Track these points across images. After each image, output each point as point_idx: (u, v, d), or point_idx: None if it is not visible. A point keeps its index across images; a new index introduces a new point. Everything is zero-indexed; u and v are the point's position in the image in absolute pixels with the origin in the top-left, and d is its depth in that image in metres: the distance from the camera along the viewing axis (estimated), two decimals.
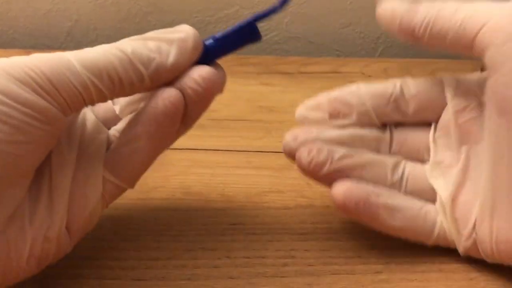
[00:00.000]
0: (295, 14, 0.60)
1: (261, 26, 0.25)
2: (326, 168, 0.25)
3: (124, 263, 0.25)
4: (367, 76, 0.52)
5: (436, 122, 0.26)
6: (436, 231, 0.25)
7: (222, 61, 0.24)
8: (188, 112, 0.23)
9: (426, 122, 0.27)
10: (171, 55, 0.22)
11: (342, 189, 0.25)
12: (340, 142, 0.26)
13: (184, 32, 0.22)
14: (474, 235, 0.24)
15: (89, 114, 0.25)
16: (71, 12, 0.60)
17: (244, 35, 0.24)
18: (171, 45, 0.22)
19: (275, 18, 0.61)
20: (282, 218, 0.29)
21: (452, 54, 0.23)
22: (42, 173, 0.22)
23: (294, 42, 0.61)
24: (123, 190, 0.24)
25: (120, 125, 0.25)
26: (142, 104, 0.24)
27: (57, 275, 0.24)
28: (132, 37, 0.22)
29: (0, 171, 0.19)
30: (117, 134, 0.25)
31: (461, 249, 0.25)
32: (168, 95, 0.22)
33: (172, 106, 0.22)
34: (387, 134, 0.27)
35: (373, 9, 0.30)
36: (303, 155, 0.25)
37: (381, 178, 0.26)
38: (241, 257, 0.26)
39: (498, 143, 0.22)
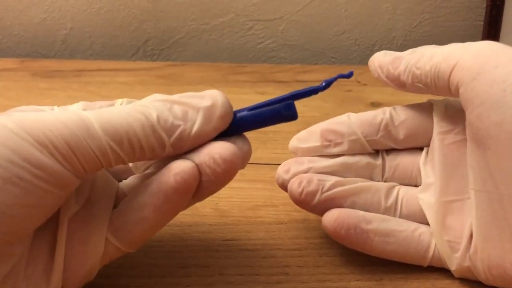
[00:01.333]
0: (291, 22, 0.60)
1: (257, 33, 0.25)
2: (317, 198, 0.25)
3: (117, 280, 0.25)
4: (362, 85, 0.52)
5: (428, 146, 0.27)
6: (431, 252, 0.25)
7: (215, 68, 0.23)
8: (202, 187, 0.21)
9: (417, 146, 0.27)
10: (196, 124, 0.20)
11: (332, 216, 0.25)
12: (333, 172, 0.27)
13: (212, 99, 0.21)
14: (467, 258, 0.24)
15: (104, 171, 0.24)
16: (65, 20, 0.60)
17: (280, 113, 0.22)
18: (197, 113, 0.21)
19: (271, 26, 0.61)
20: (276, 233, 0.29)
21: None
22: (46, 229, 0.21)
23: (290, 49, 0.61)
24: (122, 253, 0.23)
25: (130, 182, 0.24)
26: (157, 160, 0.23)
27: None
28: (158, 98, 0.21)
29: (2, 232, 0.18)
30: (123, 192, 0.23)
31: (455, 272, 0.25)
32: (181, 170, 0.20)
33: (184, 182, 0.21)
34: (379, 161, 0.27)
35: (368, 17, 0.30)
36: (294, 186, 0.26)
37: (375, 204, 0.26)
38: (234, 274, 0.26)
39: (480, 171, 0.23)
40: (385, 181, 0.27)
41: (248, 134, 0.27)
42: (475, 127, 0.22)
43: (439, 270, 0.26)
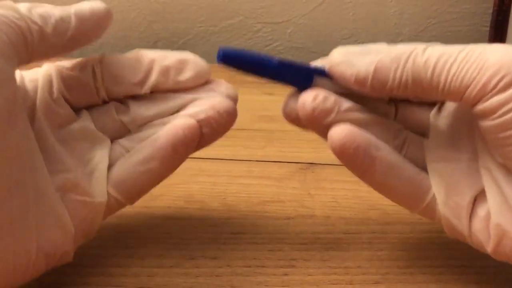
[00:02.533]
0: (298, 25, 0.60)
1: (265, 36, 0.25)
2: (331, 117, 0.23)
3: (127, 270, 0.26)
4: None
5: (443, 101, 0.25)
6: (427, 200, 0.24)
7: (223, 70, 0.24)
8: (205, 139, 0.25)
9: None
10: (86, 6, 0.23)
11: (343, 131, 0.23)
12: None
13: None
14: (468, 223, 0.23)
15: (90, 124, 0.25)
16: None
17: (301, 75, 0.23)
18: (84, 3, 0.23)
19: (278, 28, 0.61)
20: (283, 228, 0.29)
21: None
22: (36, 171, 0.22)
23: (297, 52, 0.62)
24: (122, 206, 0.25)
25: (129, 142, 0.25)
26: (155, 119, 0.25)
27: (61, 283, 0.25)
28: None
29: None
30: (123, 150, 0.25)
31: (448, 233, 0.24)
32: (188, 125, 0.24)
33: (191, 135, 0.24)
34: (392, 108, 0.25)
35: (375, 21, 0.30)
36: (308, 100, 0.23)
37: (383, 140, 0.24)
38: (242, 266, 0.26)
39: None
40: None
41: (255, 133, 0.28)
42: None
43: (445, 265, 0.26)
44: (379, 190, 0.24)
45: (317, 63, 0.24)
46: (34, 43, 0.21)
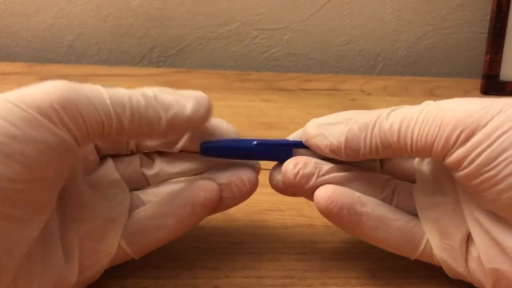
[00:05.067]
0: (296, 31, 0.60)
1: (262, 42, 0.25)
2: (312, 181, 0.24)
3: (123, 282, 0.25)
4: (366, 94, 0.52)
5: None
6: (422, 247, 0.24)
7: (220, 76, 0.24)
8: (224, 204, 0.25)
9: None
10: (188, 107, 0.23)
11: (327, 192, 0.24)
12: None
13: (198, 93, 0.23)
14: (463, 263, 0.24)
15: (114, 173, 0.25)
16: (73, 26, 0.61)
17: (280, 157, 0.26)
18: (187, 100, 0.23)
19: (276, 35, 0.61)
20: (281, 237, 0.29)
21: (451, 73, 0.23)
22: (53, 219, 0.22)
23: (294, 58, 0.62)
24: (127, 258, 0.25)
25: (149, 196, 0.25)
26: (177, 177, 0.26)
27: None
28: (153, 88, 0.23)
29: (9, 206, 0.19)
30: (140, 201, 0.25)
31: (449, 274, 0.25)
32: (209, 189, 0.24)
33: (211, 199, 0.24)
34: (377, 162, 0.26)
35: (372, 28, 0.30)
36: (289, 167, 0.24)
37: (370, 194, 0.25)
38: (241, 276, 0.26)
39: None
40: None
41: None
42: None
43: (445, 275, 0.26)
44: (372, 243, 0.25)
45: (294, 136, 0.26)
46: (110, 136, 0.21)
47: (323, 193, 0.24)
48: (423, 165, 0.26)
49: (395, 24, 0.60)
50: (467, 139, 0.21)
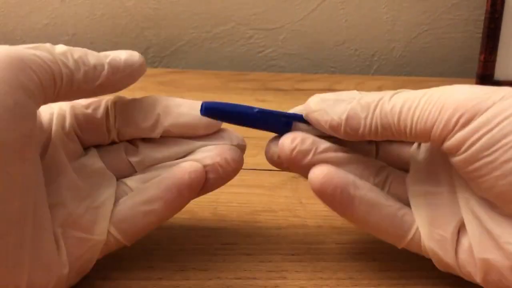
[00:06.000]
0: (291, 31, 0.60)
1: (257, 42, 0.25)
2: (308, 158, 0.24)
3: (115, 283, 0.25)
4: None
5: None
6: (410, 235, 0.24)
7: (215, 76, 0.24)
8: (209, 184, 0.25)
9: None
10: (121, 54, 0.24)
11: (321, 173, 0.24)
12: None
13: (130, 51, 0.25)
14: (454, 255, 0.24)
15: (97, 161, 0.25)
16: (68, 26, 0.60)
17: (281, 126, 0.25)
18: (119, 52, 0.24)
19: (271, 35, 0.61)
20: (274, 238, 0.29)
21: (446, 73, 0.23)
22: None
23: (290, 58, 0.62)
24: (120, 246, 0.25)
25: (136, 183, 0.25)
26: (161, 164, 0.26)
27: None
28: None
29: None
30: (127, 189, 0.25)
31: (438, 266, 0.25)
32: (194, 169, 0.24)
33: (196, 180, 0.25)
34: (373, 146, 0.26)
35: (368, 27, 0.30)
36: (287, 142, 0.24)
37: (364, 177, 0.25)
38: (233, 278, 0.26)
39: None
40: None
41: (247, 140, 0.27)
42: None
43: (438, 276, 0.26)
44: (362, 227, 0.25)
45: (296, 110, 0.26)
46: (62, 86, 0.22)
47: (318, 171, 0.24)
48: (419, 154, 0.26)
49: (390, 24, 0.60)
50: (467, 123, 0.21)
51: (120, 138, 0.26)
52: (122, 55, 0.24)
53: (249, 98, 0.50)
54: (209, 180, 0.25)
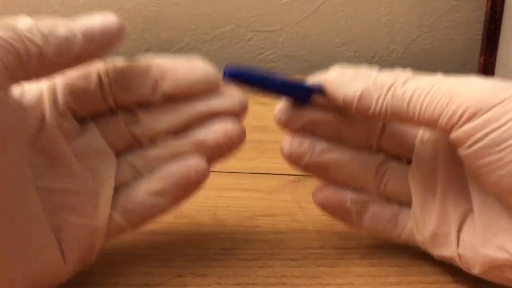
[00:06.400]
0: (290, 33, 0.60)
1: (257, 44, 0.25)
2: (305, 160, 0.26)
3: None
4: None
5: None
6: (404, 236, 0.26)
7: None
8: (211, 162, 0.26)
9: None
10: (96, 17, 0.22)
11: (321, 196, 0.27)
12: (330, 123, 0.26)
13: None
14: (455, 248, 0.24)
15: (99, 140, 0.24)
16: None
17: (304, 89, 0.25)
18: (92, 15, 0.22)
19: (271, 37, 0.61)
20: (273, 243, 0.29)
21: (446, 74, 0.23)
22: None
23: (290, 61, 0.62)
24: (125, 232, 0.25)
25: (140, 161, 0.25)
26: (165, 134, 0.25)
27: None
28: None
29: None
30: (131, 169, 0.25)
31: (436, 257, 0.25)
32: (201, 168, 0.25)
33: (202, 177, 0.25)
34: (380, 123, 0.26)
35: (367, 29, 0.30)
36: (286, 145, 0.26)
37: (362, 175, 0.26)
38: (231, 283, 0.26)
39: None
40: (379, 147, 0.26)
41: (246, 144, 0.27)
42: None
43: (438, 281, 0.25)
44: (360, 231, 0.27)
45: (316, 77, 0.26)
46: (32, 64, 0.20)
47: (318, 194, 0.27)
48: (423, 148, 0.26)
49: (390, 25, 0.60)
50: (471, 117, 0.21)
51: (118, 105, 0.25)
52: (97, 20, 0.22)
53: (249, 101, 0.50)
54: (213, 159, 0.26)
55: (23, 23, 0.20)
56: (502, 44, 0.50)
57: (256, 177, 0.36)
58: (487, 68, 0.51)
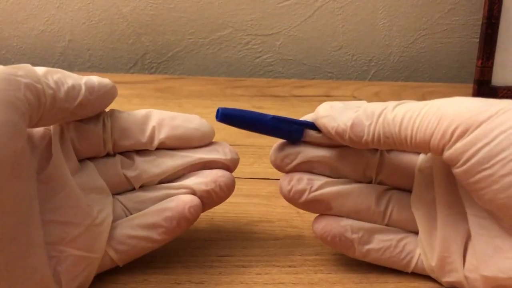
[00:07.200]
0: (288, 37, 0.60)
1: (254, 48, 0.26)
2: (304, 197, 0.26)
3: None
4: (358, 100, 0.52)
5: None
6: (414, 263, 0.26)
7: (212, 82, 0.24)
8: (205, 207, 0.27)
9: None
10: (93, 78, 0.25)
11: (320, 225, 0.26)
12: (326, 161, 0.26)
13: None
14: (460, 273, 0.24)
15: (97, 177, 0.25)
16: (64, 32, 0.60)
17: (291, 133, 0.26)
18: (90, 76, 0.25)
19: (268, 40, 0.61)
20: (271, 250, 0.29)
21: (444, 78, 0.23)
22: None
23: (287, 64, 0.62)
24: (113, 266, 0.25)
25: (132, 202, 0.26)
26: (159, 178, 0.26)
27: None
28: None
29: None
30: (122, 207, 0.26)
31: (445, 284, 0.25)
32: (195, 204, 0.26)
33: (195, 214, 0.26)
34: (376, 157, 0.26)
35: (365, 33, 0.30)
36: (284, 183, 0.26)
37: (364, 208, 0.26)
38: None
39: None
40: (379, 181, 0.27)
41: (244, 149, 0.27)
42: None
43: (437, 286, 0.25)
44: (365, 260, 0.27)
45: (307, 117, 0.27)
46: (46, 105, 0.22)
47: (318, 224, 0.27)
48: (421, 174, 0.26)
49: (387, 29, 0.60)
50: (462, 134, 0.21)
51: (115, 150, 0.26)
52: (95, 78, 0.25)
53: (246, 104, 0.50)
54: (204, 206, 0.26)
55: (39, 69, 0.22)
56: (500, 48, 0.50)
57: (254, 183, 0.36)
58: (484, 72, 0.51)
